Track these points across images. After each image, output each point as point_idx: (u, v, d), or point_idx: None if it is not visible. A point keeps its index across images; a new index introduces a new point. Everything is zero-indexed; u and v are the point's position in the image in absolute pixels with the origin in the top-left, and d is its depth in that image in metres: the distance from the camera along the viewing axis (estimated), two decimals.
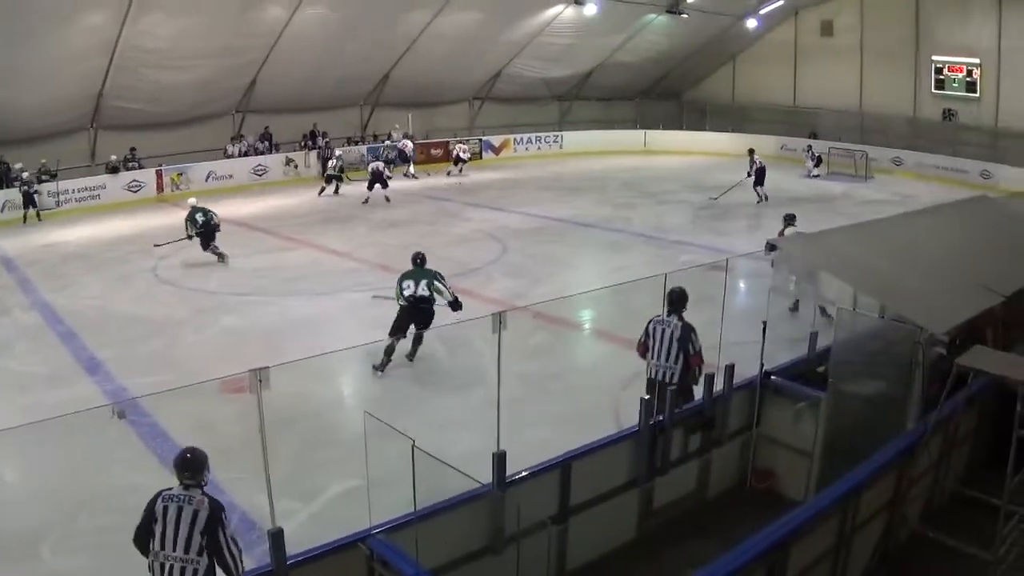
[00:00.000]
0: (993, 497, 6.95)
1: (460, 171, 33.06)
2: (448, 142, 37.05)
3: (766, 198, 26.26)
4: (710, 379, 8.41)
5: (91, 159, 28.75)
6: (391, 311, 13.64)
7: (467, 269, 18.32)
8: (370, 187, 26.89)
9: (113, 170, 28.35)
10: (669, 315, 8.93)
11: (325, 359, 11.71)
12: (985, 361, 7.09)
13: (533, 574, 6.73)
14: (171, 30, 25.39)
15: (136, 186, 28.75)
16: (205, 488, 5.67)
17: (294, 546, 5.80)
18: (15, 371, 13.15)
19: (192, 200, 20.27)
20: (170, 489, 5.64)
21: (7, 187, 25.71)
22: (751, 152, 27.37)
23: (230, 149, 31.59)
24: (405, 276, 12.47)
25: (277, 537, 5.59)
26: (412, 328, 12.42)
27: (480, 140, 38.45)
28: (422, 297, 12.22)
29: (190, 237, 19.17)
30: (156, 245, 20.54)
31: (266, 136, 32.74)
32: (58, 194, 26.69)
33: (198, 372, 12.19)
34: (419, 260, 12.75)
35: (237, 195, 29.19)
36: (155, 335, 14.45)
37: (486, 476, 6.67)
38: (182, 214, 24.15)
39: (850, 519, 6.94)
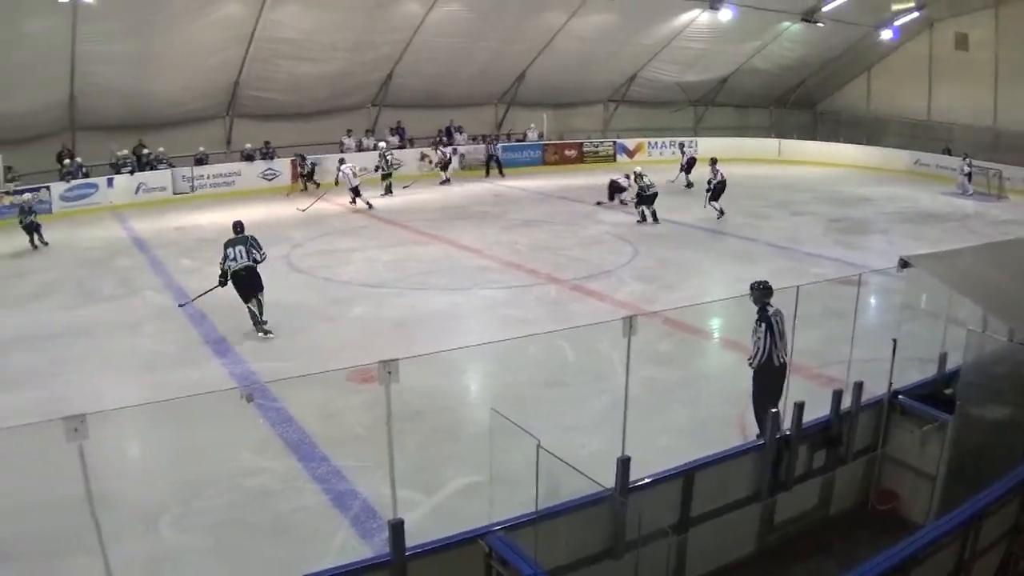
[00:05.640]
0: None
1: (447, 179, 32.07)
2: (582, 144, 37.16)
3: (722, 212, 24.54)
4: (838, 395, 8.33)
5: (226, 146, 29.49)
6: (523, 311, 13.46)
7: (598, 271, 18.32)
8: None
9: (248, 158, 29.01)
10: (770, 306, 9.19)
11: (454, 354, 11.88)
12: None
13: None
14: (306, 22, 26.01)
15: (271, 174, 29.40)
16: None
17: (414, 537, 5.92)
18: (144, 350, 13.57)
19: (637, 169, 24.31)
20: None
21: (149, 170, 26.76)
22: (713, 161, 25.63)
23: (347, 142, 32.03)
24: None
25: (397, 528, 5.70)
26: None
27: (614, 143, 38.43)
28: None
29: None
30: None
31: (398, 130, 33.09)
32: (192, 179, 27.40)
33: (327, 360, 12.46)
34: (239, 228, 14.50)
35: (369, 188, 29.54)
36: (286, 321, 14.66)
37: (608, 480, 6.72)
38: (317, 204, 24.56)
39: (971, 546, 6.83)
